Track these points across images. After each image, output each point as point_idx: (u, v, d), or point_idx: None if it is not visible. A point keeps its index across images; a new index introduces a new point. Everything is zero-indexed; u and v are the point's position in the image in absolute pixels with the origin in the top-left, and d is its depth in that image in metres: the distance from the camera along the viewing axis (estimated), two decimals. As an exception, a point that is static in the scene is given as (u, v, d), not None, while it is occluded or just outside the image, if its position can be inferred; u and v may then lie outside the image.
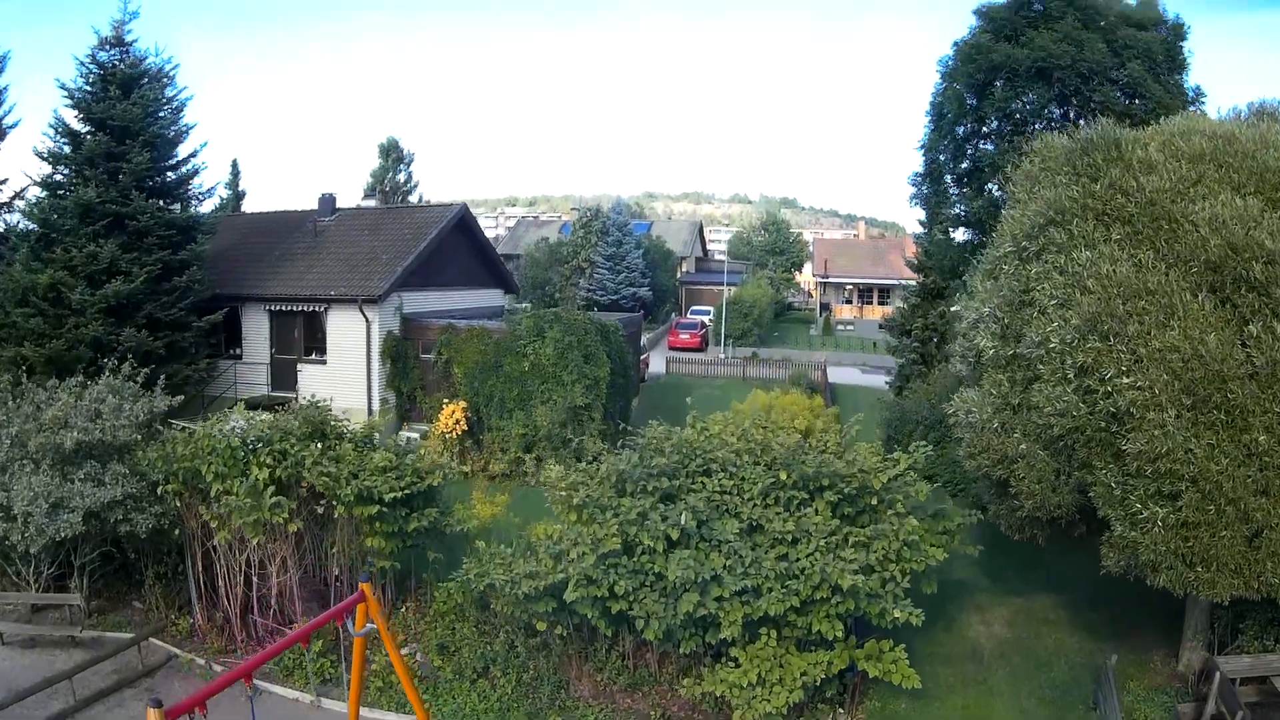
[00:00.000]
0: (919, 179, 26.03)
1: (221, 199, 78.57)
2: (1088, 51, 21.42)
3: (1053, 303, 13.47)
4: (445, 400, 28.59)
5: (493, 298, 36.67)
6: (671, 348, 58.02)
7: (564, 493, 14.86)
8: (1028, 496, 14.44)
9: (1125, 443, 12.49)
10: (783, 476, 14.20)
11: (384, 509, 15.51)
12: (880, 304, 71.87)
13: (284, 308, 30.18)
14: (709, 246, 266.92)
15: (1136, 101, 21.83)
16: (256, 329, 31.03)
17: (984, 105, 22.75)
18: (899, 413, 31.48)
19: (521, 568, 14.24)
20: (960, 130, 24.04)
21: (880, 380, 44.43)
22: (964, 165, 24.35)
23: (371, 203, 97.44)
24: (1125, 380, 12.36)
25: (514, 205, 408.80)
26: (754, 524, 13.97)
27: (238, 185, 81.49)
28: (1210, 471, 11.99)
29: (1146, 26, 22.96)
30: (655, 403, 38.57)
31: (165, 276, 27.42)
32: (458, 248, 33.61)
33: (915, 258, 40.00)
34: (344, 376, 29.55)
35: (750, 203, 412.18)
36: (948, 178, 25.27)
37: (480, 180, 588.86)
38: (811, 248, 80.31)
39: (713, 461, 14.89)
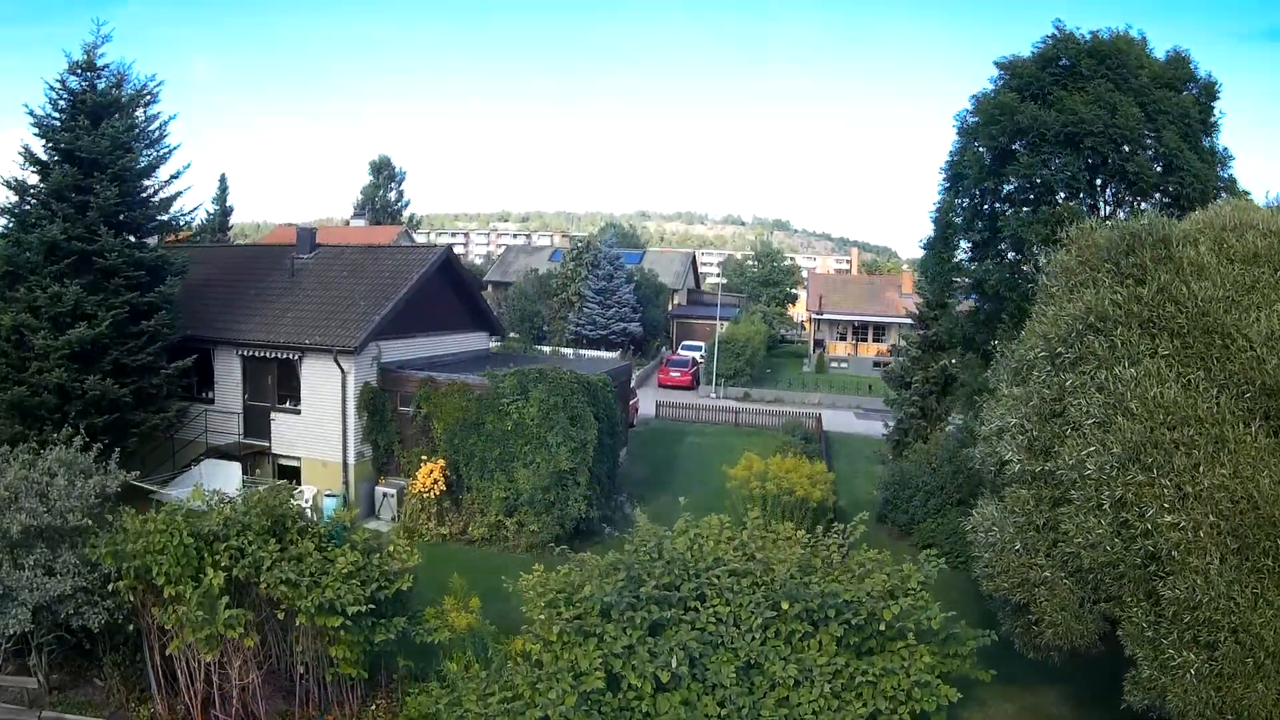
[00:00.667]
0: (931, 244, 24.64)
1: (208, 213, 77.90)
2: (1121, 117, 20.05)
3: (1090, 421, 12.27)
4: (424, 457, 27.24)
5: (477, 341, 35.31)
6: (662, 385, 56.83)
7: (542, 614, 13.46)
8: (1049, 625, 13.23)
9: (1163, 586, 11.32)
10: (785, 607, 12.88)
11: (348, 621, 14.13)
12: (875, 341, 70.82)
13: (258, 353, 28.77)
14: (701, 270, 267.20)
15: (1171, 175, 20.63)
16: (229, 374, 29.60)
17: (1006, 169, 21.45)
18: (898, 475, 30.27)
19: (497, 696, 12.84)
20: (977, 192, 22.74)
21: (876, 427, 43.30)
22: (980, 231, 23.02)
23: (361, 222, 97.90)
24: (1167, 519, 11.19)
25: (506, 220, 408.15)
26: (752, 662, 12.63)
27: (225, 200, 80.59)
28: (1253, 624, 10.86)
29: (1178, 86, 21.62)
30: (645, 453, 37.31)
31: (133, 319, 26.01)
32: (440, 291, 32.17)
33: (917, 308, 38.94)
34: (319, 427, 28.18)
35: (743, 224, 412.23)
36: (961, 242, 23.93)
37: (472, 194, 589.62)
38: (806, 281, 79.13)
39: (708, 586, 13.52)
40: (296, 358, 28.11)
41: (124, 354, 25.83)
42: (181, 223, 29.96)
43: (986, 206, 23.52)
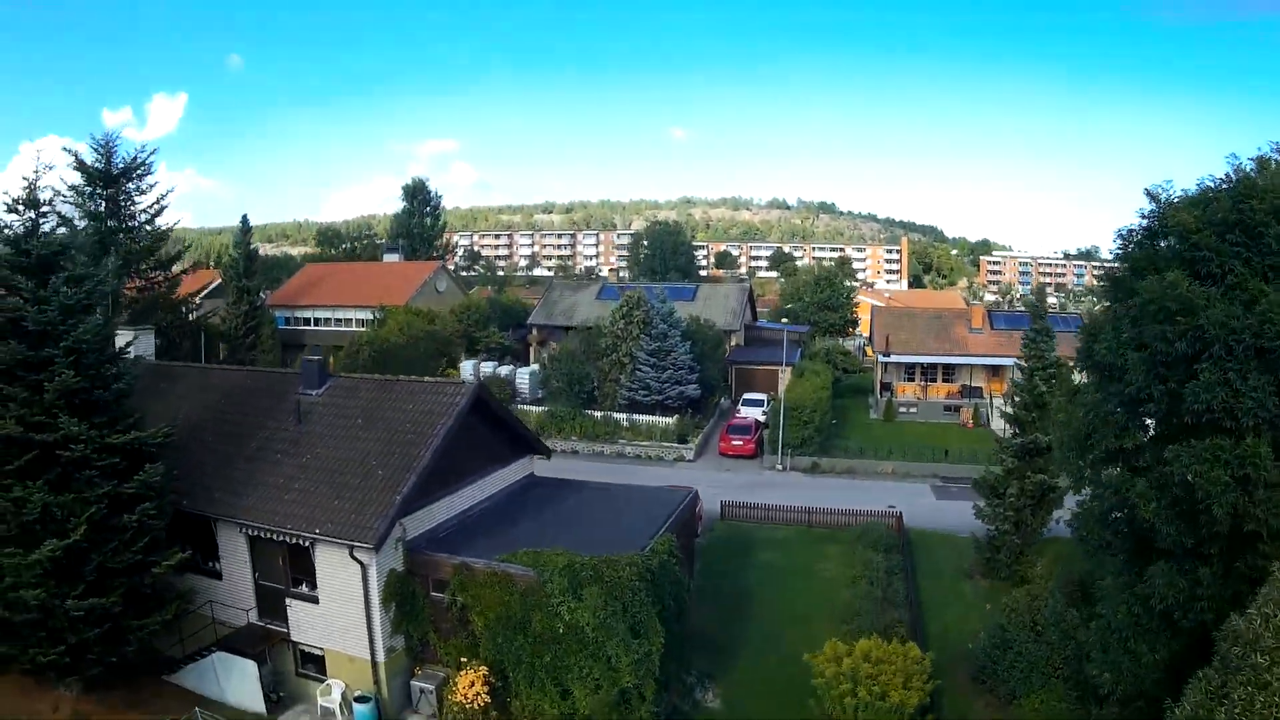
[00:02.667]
0: (1066, 445, 19.49)
1: (232, 257, 74.66)
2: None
3: None
4: (463, 658, 23.23)
5: (517, 469, 30.93)
6: (723, 454, 52.36)
7: None
8: None
9: None
10: None
11: None
12: (945, 381, 65.79)
13: (263, 534, 24.74)
14: (753, 263, 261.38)
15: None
16: (234, 551, 25.63)
17: (1178, 382, 16.34)
18: (997, 637, 26.04)
19: None
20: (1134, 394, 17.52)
21: (959, 513, 38.95)
22: (1134, 439, 17.92)
23: (395, 257, 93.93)
24: None
25: (550, 212, 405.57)
26: None
27: (248, 244, 77.18)
28: None
29: None
30: (711, 582, 32.84)
31: (114, 510, 22.19)
32: (471, 429, 27.48)
33: (1015, 411, 34.20)
34: (341, 618, 24.12)
35: (789, 208, 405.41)
36: (1102, 445, 18.65)
37: (514, 184, 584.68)
38: (870, 310, 74.04)
39: None
40: (308, 544, 24.05)
41: (108, 557, 22.03)
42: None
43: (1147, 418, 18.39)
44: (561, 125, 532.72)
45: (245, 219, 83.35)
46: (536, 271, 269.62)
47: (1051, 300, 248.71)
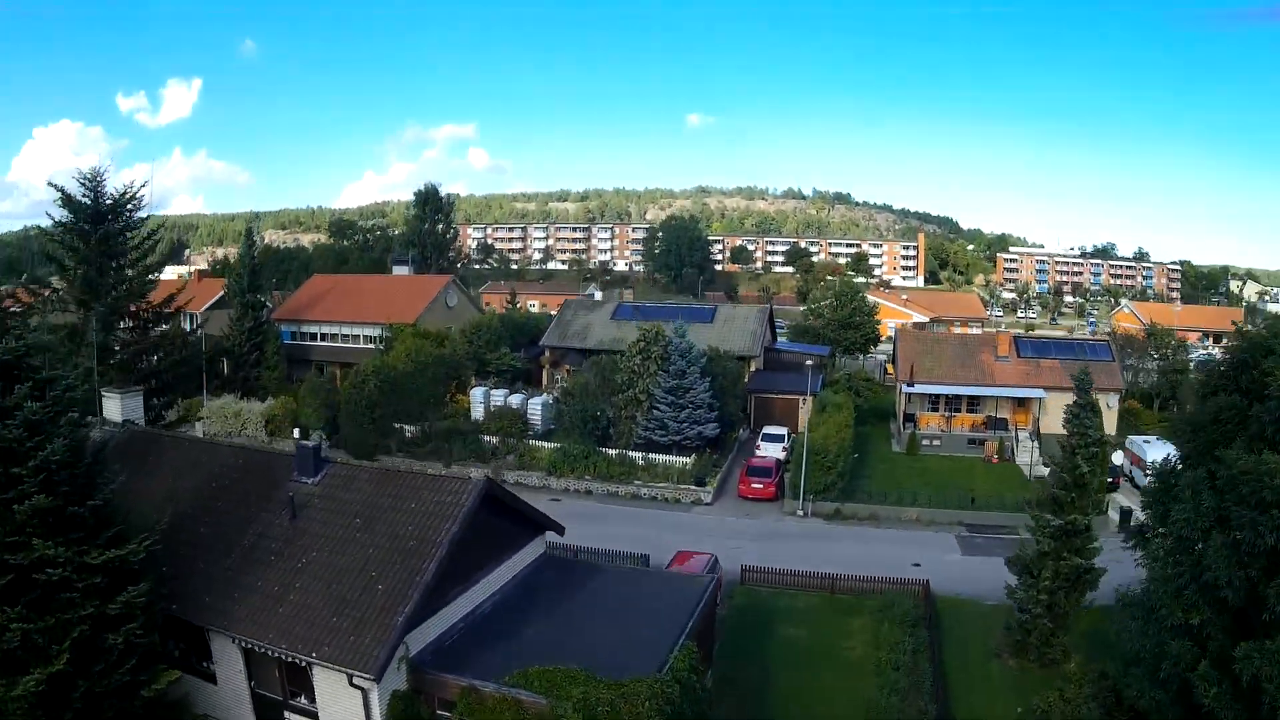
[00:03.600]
0: (1126, 609, 17.83)
1: (238, 278, 72.98)
2: None
3: None
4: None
5: (529, 551, 29.29)
6: (743, 496, 50.71)
7: None
8: None
9: None
10: None
11: None
12: (969, 411, 63.98)
13: (258, 648, 23.19)
14: (769, 257, 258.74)
15: None
16: (228, 659, 24.07)
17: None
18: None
19: None
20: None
21: (988, 570, 38.08)
22: (1201, 614, 16.08)
23: (405, 270, 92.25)
24: None
25: (565, 200, 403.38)
26: None
27: (253, 255, 75.44)
28: None
29: None
30: (732, 671, 31.17)
31: (96, 631, 20.65)
32: (479, 526, 25.49)
33: (1054, 489, 32.42)
34: (339, 738, 22.69)
35: (804, 198, 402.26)
36: (1169, 621, 16.84)
37: (530, 169, 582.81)
38: (893, 334, 72.02)
39: None
40: (305, 664, 22.52)
41: (95, 681, 20.55)
42: None
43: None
44: (578, 110, 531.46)
45: (250, 231, 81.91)
46: (551, 265, 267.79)
47: (1068, 300, 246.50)
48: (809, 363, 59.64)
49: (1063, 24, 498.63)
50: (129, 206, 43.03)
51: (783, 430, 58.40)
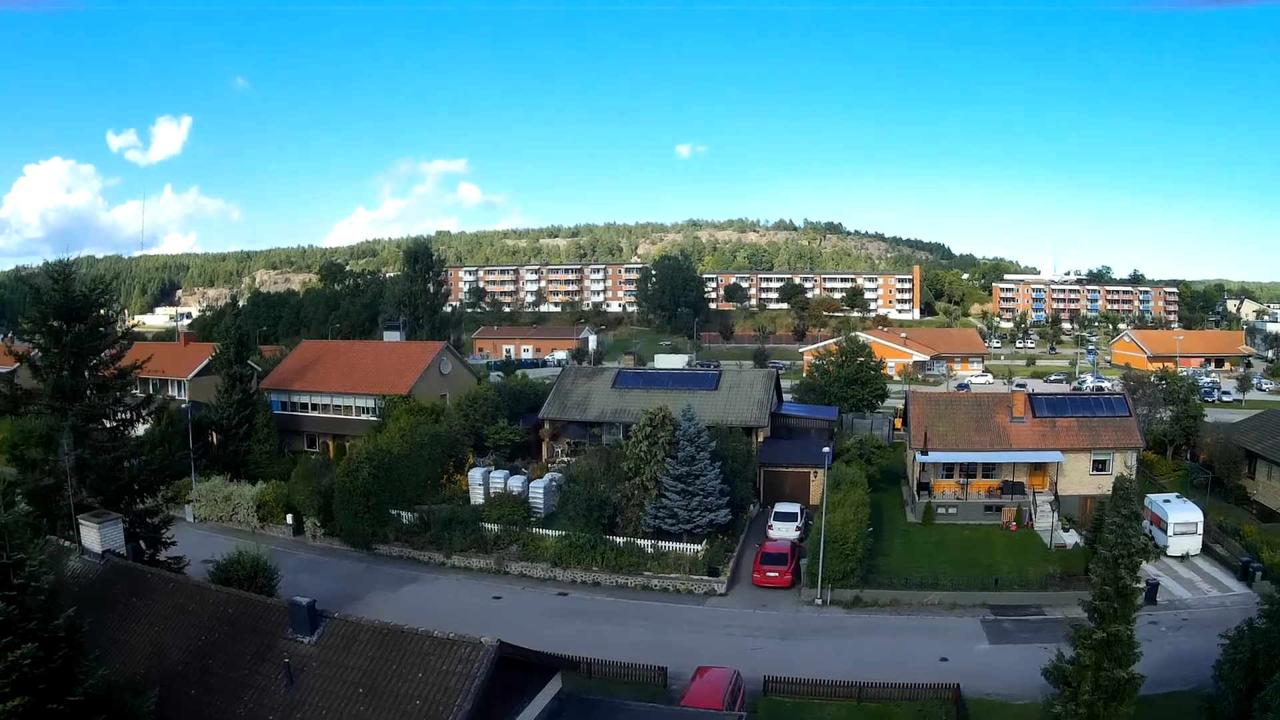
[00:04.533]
0: None
1: (228, 336, 71.56)
2: None
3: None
4: None
5: (544, 697, 26.96)
6: (757, 584, 48.40)
7: None
8: None
9: None
10: None
11: None
12: (985, 477, 61.92)
13: None
14: (763, 296, 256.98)
15: None
16: None
17: None
18: None
19: None
20: None
21: (1017, 663, 36.40)
22: None
23: (396, 336, 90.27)
24: None
25: (556, 236, 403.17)
26: None
27: (239, 326, 73.89)
28: None
29: None
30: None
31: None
32: (492, 688, 22.92)
33: (1095, 600, 30.36)
34: None
35: (795, 229, 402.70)
36: None
37: (521, 204, 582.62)
38: (907, 399, 69.71)
39: None
40: None
41: None
42: None
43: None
44: (569, 143, 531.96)
45: (234, 298, 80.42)
46: (543, 308, 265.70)
47: (1066, 327, 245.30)
48: (816, 426, 57.50)
49: (1049, 52, 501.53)
50: (100, 299, 40.63)
51: (795, 508, 56.18)
